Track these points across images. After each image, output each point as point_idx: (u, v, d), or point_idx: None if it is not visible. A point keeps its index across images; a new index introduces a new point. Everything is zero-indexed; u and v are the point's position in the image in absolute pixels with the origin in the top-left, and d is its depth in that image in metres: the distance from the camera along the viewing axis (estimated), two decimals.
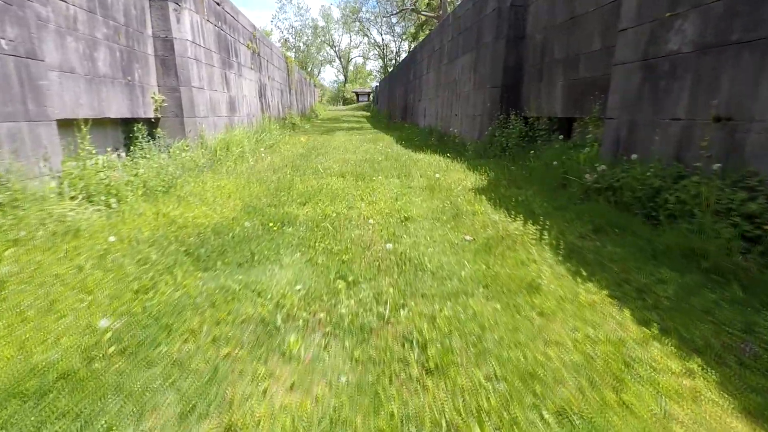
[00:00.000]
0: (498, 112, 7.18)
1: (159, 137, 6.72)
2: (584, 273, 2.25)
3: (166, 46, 6.69)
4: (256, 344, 1.65)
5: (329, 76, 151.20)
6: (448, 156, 7.12)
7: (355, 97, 57.89)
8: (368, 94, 53.96)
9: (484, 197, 3.99)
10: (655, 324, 1.74)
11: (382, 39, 73.69)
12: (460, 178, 5.08)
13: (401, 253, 2.56)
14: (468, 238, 2.84)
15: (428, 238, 2.84)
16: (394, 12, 37.75)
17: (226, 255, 2.56)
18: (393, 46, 53.07)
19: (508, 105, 7.13)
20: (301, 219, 3.31)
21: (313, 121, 23.23)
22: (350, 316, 1.86)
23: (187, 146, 6.86)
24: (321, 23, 61.45)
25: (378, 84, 38.73)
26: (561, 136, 5.67)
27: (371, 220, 3.23)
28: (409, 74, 17.07)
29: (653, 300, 1.96)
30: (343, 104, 58.45)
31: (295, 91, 21.30)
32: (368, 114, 31.63)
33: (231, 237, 2.87)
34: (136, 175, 4.49)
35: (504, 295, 2.05)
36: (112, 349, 1.56)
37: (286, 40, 57.81)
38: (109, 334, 1.65)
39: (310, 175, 5.40)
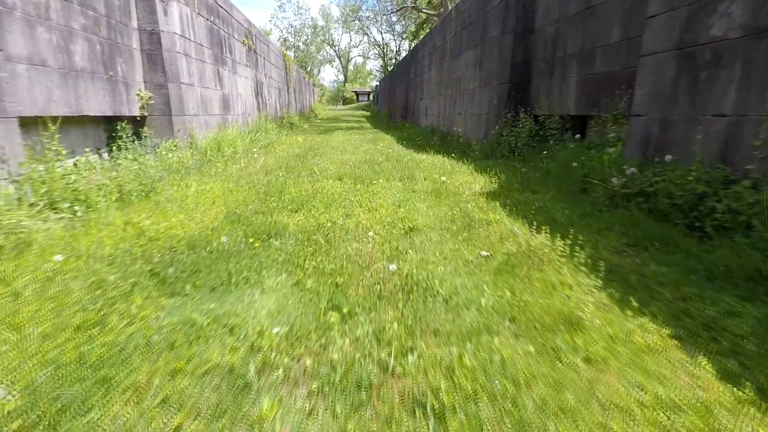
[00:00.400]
0: (505, 111, 6.77)
1: (145, 137, 6.31)
2: (633, 302, 1.83)
3: (152, 39, 6.28)
4: (218, 412, 1.24)
5: (329, 75, 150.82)
6: (452, 157, 6.70)
7: (355, 97, 57.49)
8: (368, 93, 53.56)
9: (497, 203, 3.58)
10: (744, 380, 1.33)
11: (382, 38, 73.35)
12: (468, 180, 4.67)
13: (407, 274, 2.14)
14: (484, 254, 2.43)
15: (438, 254, 2.43)
16: (394, 10, 37.34)
17: (199, 276, 2.14)
18: (393, 45, 52.66)
19: (516, 103, 6.72)
20: (291, 229, 2.90)
21: (312, 120, 22.83)
22: (344, 365, 1.44)
23: (175, 146, 6.45)
24: (321, 22, 61.00)
25: (378, 83, 38.32)
26: (578, 136, 5.25)
27: (371, 233, 2.81)
28: (409, 73, 16.66)
29: (729, 341, 1.55)
30: (343, 104, 58.06)
31: (294, 90, 20.90)
32: (368, 114, 31.21)
33: (208, 252, 2.46)
34: (111, 178, 4.08)
35: (537, 333, 1.63)
36: (15, 425, 1.14)
37: (285, 40, 57.44)
38: (13, 404, 1.22)
39: (304, 177, 4.98)
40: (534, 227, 2.87)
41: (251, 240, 2.65)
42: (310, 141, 10.38)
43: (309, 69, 58.77)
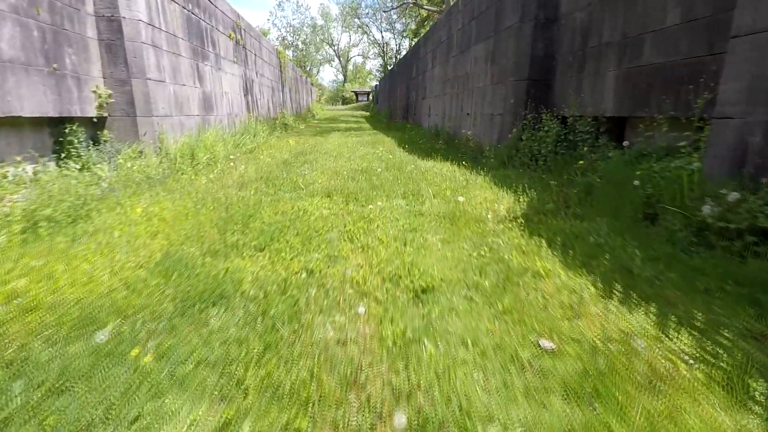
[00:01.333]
0: (524, 111, 5.83)
1: (105, 141, 5.38)
2: None
3: (111, 27, 5.34)
4: None
5: (328, 75, 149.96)
6: (463, 165, 5.76)
7: (354, 97, 56.60)
8: (368, 93, 52.68)
9: (537, 238, 2.64)
10: None
11: (382, 36, 72.34)
12: (489, 198, 3.73)
13: (425, 416, 1.19)
14: (547, 345, 1.49)
15: (470, 347, 1.49)
16: (394, 6, 36.40)
17: (42, 412, 1.21)
18: (393, 44, 51.68)
19: (537, 102, 5.79)
20: (246, 287, 1.96)
21: (309, 121, 21.88)
22: None
23: (140, 152, 5.52)
24: (320, 22, 60.04)
25: (378, 83, 37.39)
26: (626, 143, 4.31)
27: (362, 306, 1.84)
28: (411, 71, 15.73)
29: None
30: (343, 104, 57.16)
31: (290, 89, 19.96)
32: (368, 114, 30.29)
33: (89, 350, 1.51)
34: (30, 199, 3.14)
35: None
36: None
37: (284, 38, 56.52)
38: None
39: (286, 192, 4.05)
40: (606, 284, 1.93)
41: (186, 305, 1.70)
42: (302, 144, 9.44)
43: (308, 69, 57.88)
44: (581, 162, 4.28)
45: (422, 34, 15.01)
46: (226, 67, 9.24)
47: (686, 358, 1.40)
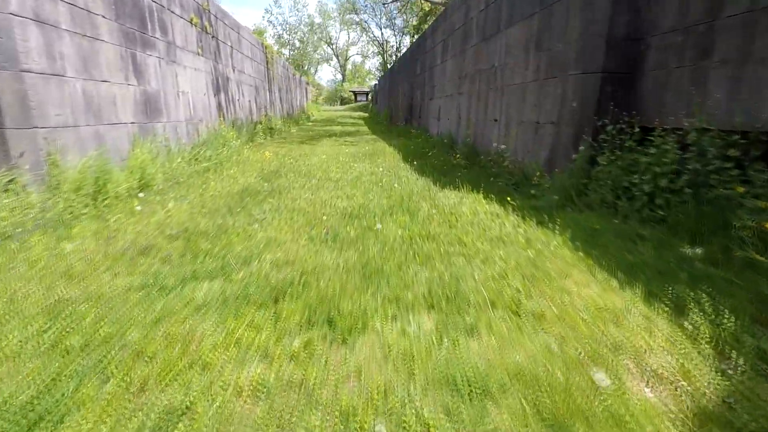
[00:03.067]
0: (595, 118, 3.89)
1: None
2: None
3: None
4: None
5: (326, 75, 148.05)
6: (506, 201, 3.80)
7: (353, 97, 54.66)
8: (366, 93, 50.75)
9: None
10: None
11: (382, 34, 70.07)
12: (601, 307, 1.80)
13: None
14: None
15: None
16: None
17: None
18: (393, 41, 49.67)
19: (617, 106, 3.84)
20: None
21: (302, 123, 19.91)
22: None
23: (11, 183, 3.58)
24: (317, 19, 57.96)
25: (377, 82, 35.43)
26: None
27: None
28: (415, 67, 13.77)
29: None
30: (341, 104, 55.22)
31: (279, 88, 17.96)
32: (366, 115, 28.33)
33: None
34: None
35: None
36: None
37: (280, 36, 54.54)
38: None
39: (198, 287, 2.10)
40: None
41: None
42: (281, 157, 7.47)
43: (306, 68, 55.89)
44: (739, 221, 2.32)
45: (429, 25, 12.97)
46: (184, 59, 7.27)
47: None
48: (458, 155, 6.72)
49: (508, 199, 3.79)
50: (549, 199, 3.82)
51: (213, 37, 8.98)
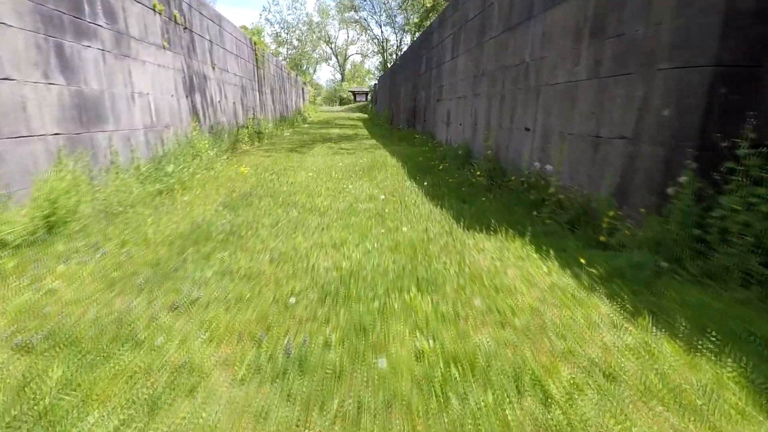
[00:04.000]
0: (703, 134, 2.58)
1: None
2: None
3: None
4: None
5: (325, 74, 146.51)
6: (581, 262, 2.49)
7: (352, 97, 53.30)
8: (366, 93, 49.44)
9: None
10: None
11: (382, 32, 68.55)
12: None
13: None
14: None
15: None
16: None
17: None
18: (393, 40, 48.29)
19: (734, 119, 2.53)
20: None
21: (297, 125, 18.58)
22: None
23: None
24: (316, 18, 56.48)
25: (377, 81, 34.11)
26: None
27: None
28: (419, 64, 12.45)
29: None
30: (340, 104, 53.89)
31: (272, 88, 16.62)
32: (365, 116, 27.03)
33: None
34: None
35: None
36: None
37: (277, 35, 53.17)
38: None
39: None
40: None
41: None
42: (261, 172, 6.15)
43: (304, 68, 54.56)
44: None
45: (435, 17, 11.62)
46: (143, 53, 5.95)
47: None
48: (478, 172, 5.41)
49: (582, 260, 2.47)
50: (633, 256, 2.50)
51: (186, 29, 7.66)
